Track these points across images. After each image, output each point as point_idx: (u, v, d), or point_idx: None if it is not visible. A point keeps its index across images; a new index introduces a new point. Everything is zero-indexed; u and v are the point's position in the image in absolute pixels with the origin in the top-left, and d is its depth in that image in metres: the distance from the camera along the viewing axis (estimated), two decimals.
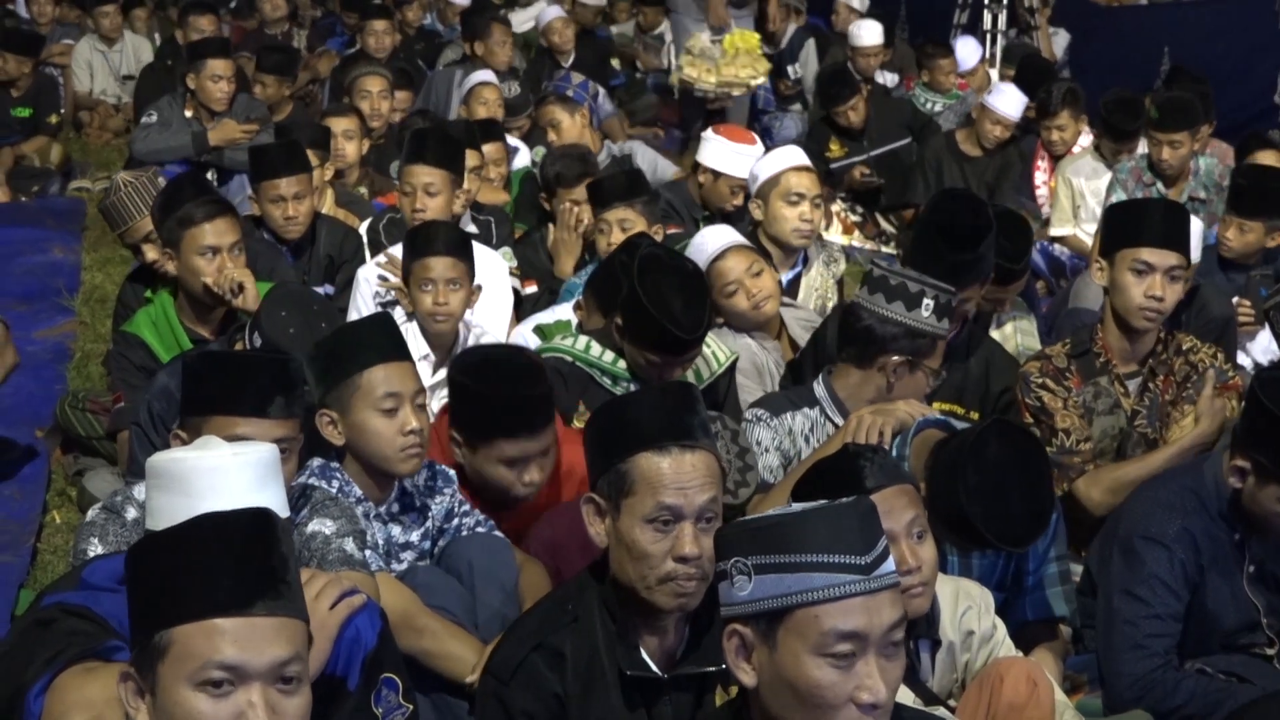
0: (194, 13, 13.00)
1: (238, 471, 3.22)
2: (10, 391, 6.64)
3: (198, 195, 5.92)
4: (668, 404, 3.45)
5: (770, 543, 2.70)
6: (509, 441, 4.62)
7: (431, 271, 5.81)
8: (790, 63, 13.15)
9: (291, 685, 2.56)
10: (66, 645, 3.06)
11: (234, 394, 3.87)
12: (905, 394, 4.84)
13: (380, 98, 9.79)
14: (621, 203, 6.74)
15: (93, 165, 12.24)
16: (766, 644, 2.71)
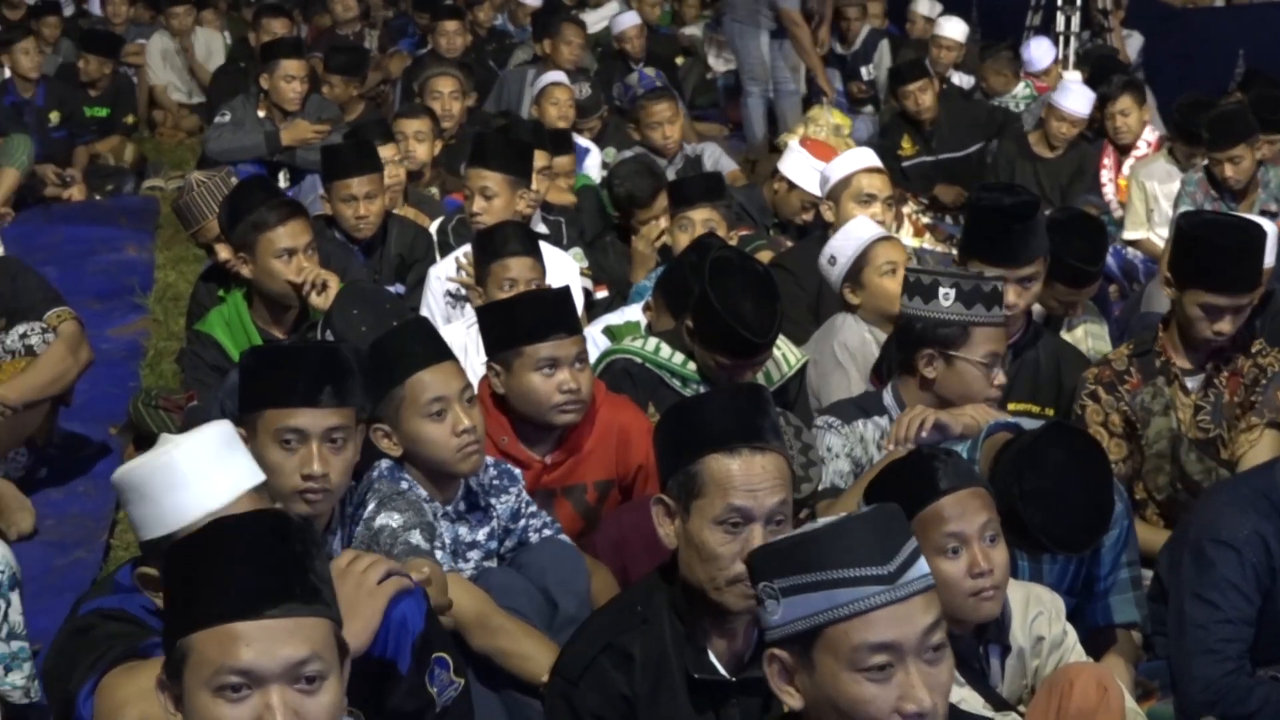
0: (268, 15, 13.09)
1: (184, 460, 3.22)
2: (84, 389, 6.69)
3: (267, 198, 5.94)
4: (738, 405, 3.45)
5: (792, 563, 2.67)
6: (538, 344, 4.70)
7: (511, 271, 5.82)
8: (863, 64, 13.13)
9: (314, 685, 2.53)
10: (107, 648, 3.09)
11: (285, 386, 3.88)
12: (956, 391, 4.79)
13: (451, 98, 9.80)
14: (706, 203, 6.75)
15: (166, 164, 12.33)
16: (804, 666, 2.68)
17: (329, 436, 3.87)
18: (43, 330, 6.24)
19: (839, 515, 2.73)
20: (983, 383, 4.80)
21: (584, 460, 4.91)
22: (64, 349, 6.24)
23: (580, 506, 4.90)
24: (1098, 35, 13.28)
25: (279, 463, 3.84)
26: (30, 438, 6.32)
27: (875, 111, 12.86)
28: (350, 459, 3.96)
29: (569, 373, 4.73)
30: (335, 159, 7.15)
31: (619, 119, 10.79)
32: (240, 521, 2.64)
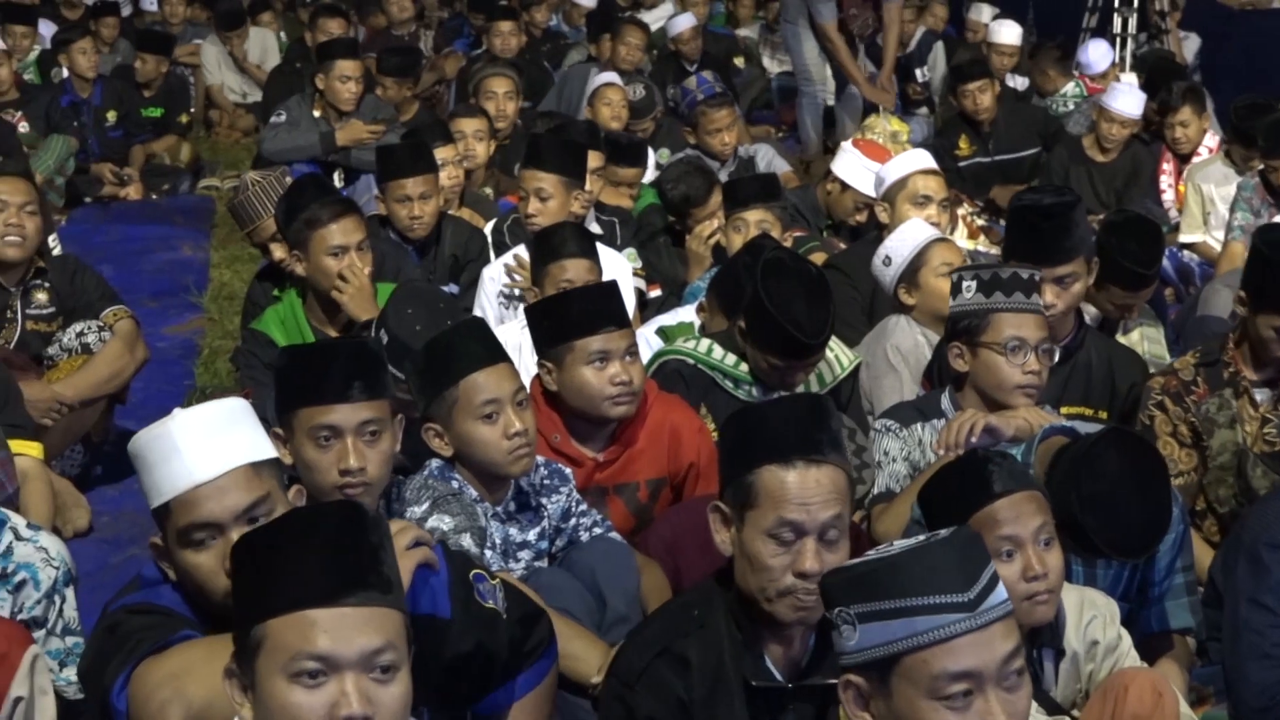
0: (324, 15, 13.15)
1: (178, 430, 3.25)
2: (140, 387, 6.73)
3: (320, 196, 5.96)
4: (797, 417, 3.43)
5: (870, 589, 2.63)
6: (589, 338, 4.70)
7: (568, 272, 5.81)
8: (918, 66, 13.09)
9: (387, 675, 2.56)
10: (136, 643, 3.11)
11: (316, 384, 3.89)
12: (988, 382, 4.79)
13: (506, 99, 9.80)
14: (760, 204, 6.75)
15: (221, 164, 12.41)
16: (881, 693, 2.65)
17: (363, 430, 3.89)
18: (99, 328, 6.28)
19: (917, 540, 2.68)
20: (1008, 369, 4.78)
21: (636, 458, 4.91)
22: (120, 347, 6.28)
23: (632, 505, 4.90)
24: (1154, 37, 13.20)
25: (316, 460, 3.87)
26: (86, 435, 6.36)
27: (930, 114, 12.82)
28: (387, 450, 3.97)
29: (620, 365, 4.74)
30: (390, 159, 7.16)
31: (672, 120, 10.79)
32: (319, 511, 2.70)
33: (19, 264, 6.31)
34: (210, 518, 3.19)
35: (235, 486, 3.22)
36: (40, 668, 3.70)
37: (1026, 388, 4.79)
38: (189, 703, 2.97)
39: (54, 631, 4.23)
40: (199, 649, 3.01)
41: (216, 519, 3.20)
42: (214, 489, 3.21)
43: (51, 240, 7.63)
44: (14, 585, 4.16)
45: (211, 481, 3.21)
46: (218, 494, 3.21)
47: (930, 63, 13.25)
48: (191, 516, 3.19)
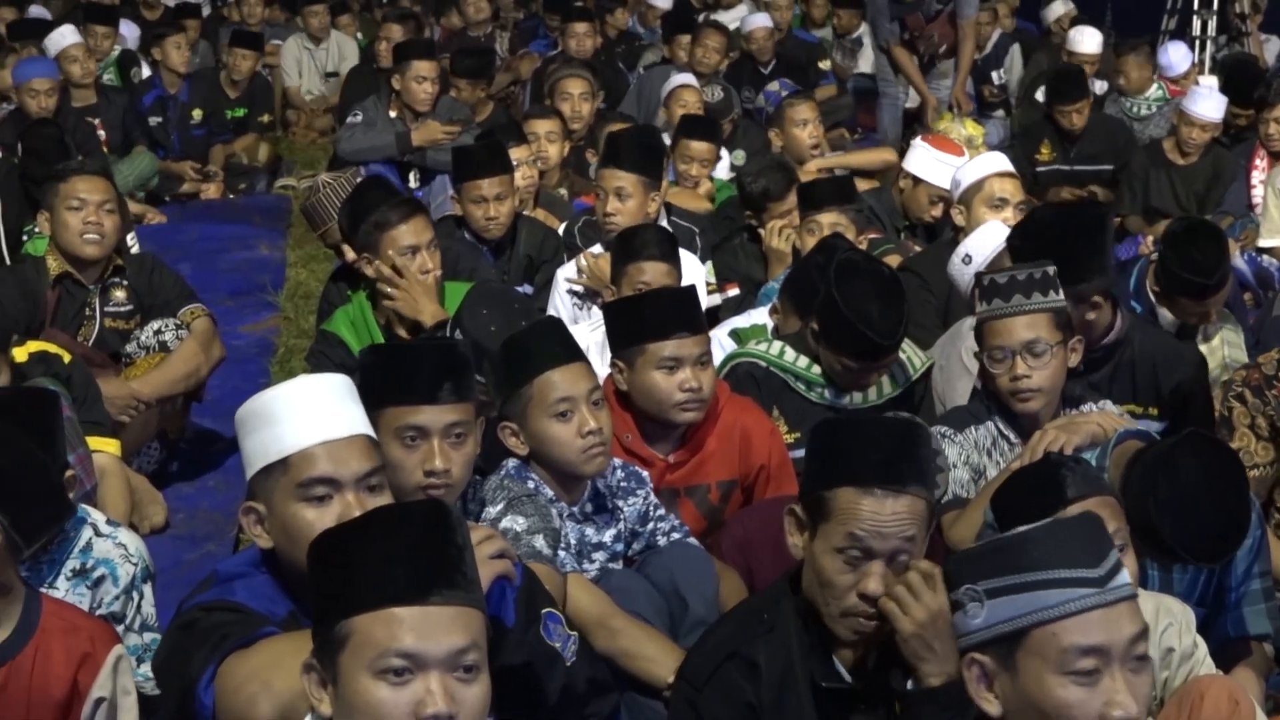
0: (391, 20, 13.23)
1: (309, 389, 3.31)
2: (216, 384, 6.77)
3: (388, 198, 5.97)
4: (884, 443, 3.39)
5: (1000, 565, 2.66)
6: (661, 342, 4.71)
7: (646, 274, 5.83)
8: (994, 68, 13.02)
9: (470, 674, 2.57)
10: (220, 638, 3.13)
11: (405, 383, 3.89)
12: (993, 388, 4.83)
13: (581, 100, 9.81)
14: (834, 207, 6.74)
15: (298, 164, 12.49)
16: (1007, 670, 2.67)
17: (450, 432, 3.89)
18: (176, 326, 6.33)
19: (1045, 521, 2.72)
20: (998, 378, 4.81)
21: (707, 460, 4.90)
22: (197, 345, 6.33)
23: (703, 507, 4.90)
24: (1235, 40, 13.09)
25: (401, 459, 3.87)
26: (163, 432, 6.42)
27: (1006, 116, 12.75)
28: (471, 453, 3.98)
29: (691, 371, 4.74)
30: (466, 160, 7.18)
31: (748, 122, 10.77)
32: (405, 510, 2.71)
33: (98, 262, 6.36)
34: (334, 474, 3.21)
35: (358, 450, 3.26)
36: (124, 668, 3.73)
37: (1019, 393, 4.79)
38: (277, 696, 2.99)
39: (132, 627, 4.27)
40: (286, 643, 3.03)
41: (339, 476, 3.21)
42: (338, 448, 3.24)
43: (130, 238, 7.70)
44: (94, 581, 4.21)
45: (336, 440, 3.24)
46: (342, 453, 3.24)
47: (1007, 65, 13.17)
48: (313, 471, 3.21)
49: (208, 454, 6.71)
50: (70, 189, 6.30)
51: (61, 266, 6.35)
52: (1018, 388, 4.78)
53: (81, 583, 4.18)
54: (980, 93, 12.71)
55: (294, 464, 3.23)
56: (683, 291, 4.91)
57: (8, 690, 3.57)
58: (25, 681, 3.56)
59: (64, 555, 4.19)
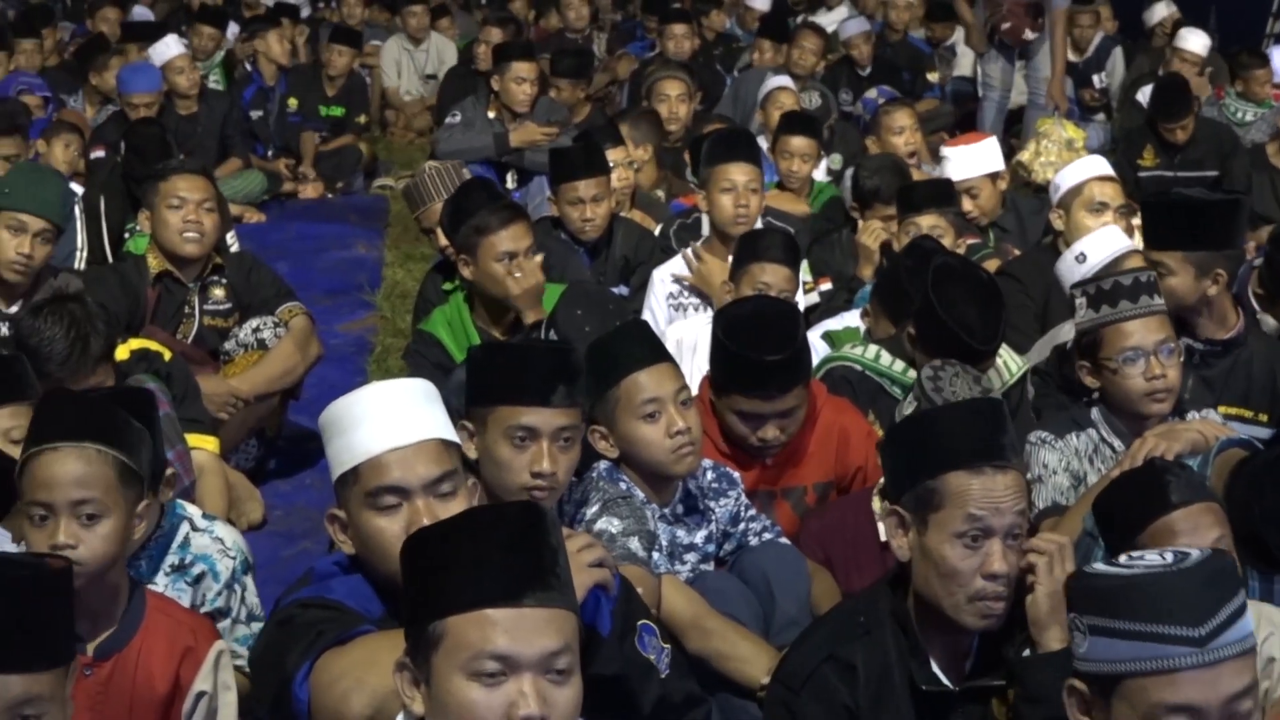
0: (490, 23, 13.28)
1: (379, 396, 3.31)
2: (313, 383, 6.81)
3: (490, 201, 5.98)
4: (980, 423, 3.40)
5: (1104, 605, 2.62)
6: (743, 398, 4.68)
7: (767, 275, 5.84)
8: (1095, 71, 12.91)
9: (563, 676, 2.57)
10: (316, 635, 3.14)
11: (517, 384, 3.90)
12: (1117, 397, 4.78)
13: (679, 101, 9.80)
14: (933, 209, 6.70)
15: (396, 164, 12.54)
16: (1101, 708, 2.64)
17: (559, 436, 3.90)
18: (274, 324, 6.37)
19: (1165, 561, 2.63)
20: (1130, 381, 4.75)
21: (804, 462, 4.89)
22: (295, 343, 6.37)
23: (799, 508, 4.88)
24: None
25: (509, 459, 3.88)
26: (260, 430, 6.46)
27: (1107, 120, 12.64)
28: (575, 459, 3.99)
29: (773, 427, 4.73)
30: (563, 161, 7.19)
31: (845, 125, 10.73)
32: (499, 511, 2.72)
33: (197, 260, 6.41)
34: (400, 482, 3.22)
35: (426, 456, 3.26)
36: (225, 663, 3.76)
37: (1155, 394, 4.76)
38: (371, 694, 3.00)
39: (239, 619, 4.30)
40: (382, 641, 3.04)
41: (405, 484, 3.22)
42: (406, 454, 3.24)
43: (229, 237, 7.75)
44: (193, 578, 4.23)
45: (404, 447, 3.24)
46: (409, 460, 3.24)
47: (1109, 68, 13.06)
48: (381, 479, 3.22)
49: (304, 451, 6.74)
50: (170, 188, 6.35)
51: (161, 265, 6.40)
52: (1155, 388, 4.75)
53: (180, 578, 4.21)
54: (1081, 96, 12.60)
55: (364, 472, 3.25)
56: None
57: (112, 684, 3.61)
58: (129, 675, 3.59)
59: (162, 551, 4.22)
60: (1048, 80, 11.47)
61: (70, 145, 9.06)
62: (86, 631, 3.58)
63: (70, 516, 3.56)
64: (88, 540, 3.56)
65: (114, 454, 3.63)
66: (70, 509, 3.56)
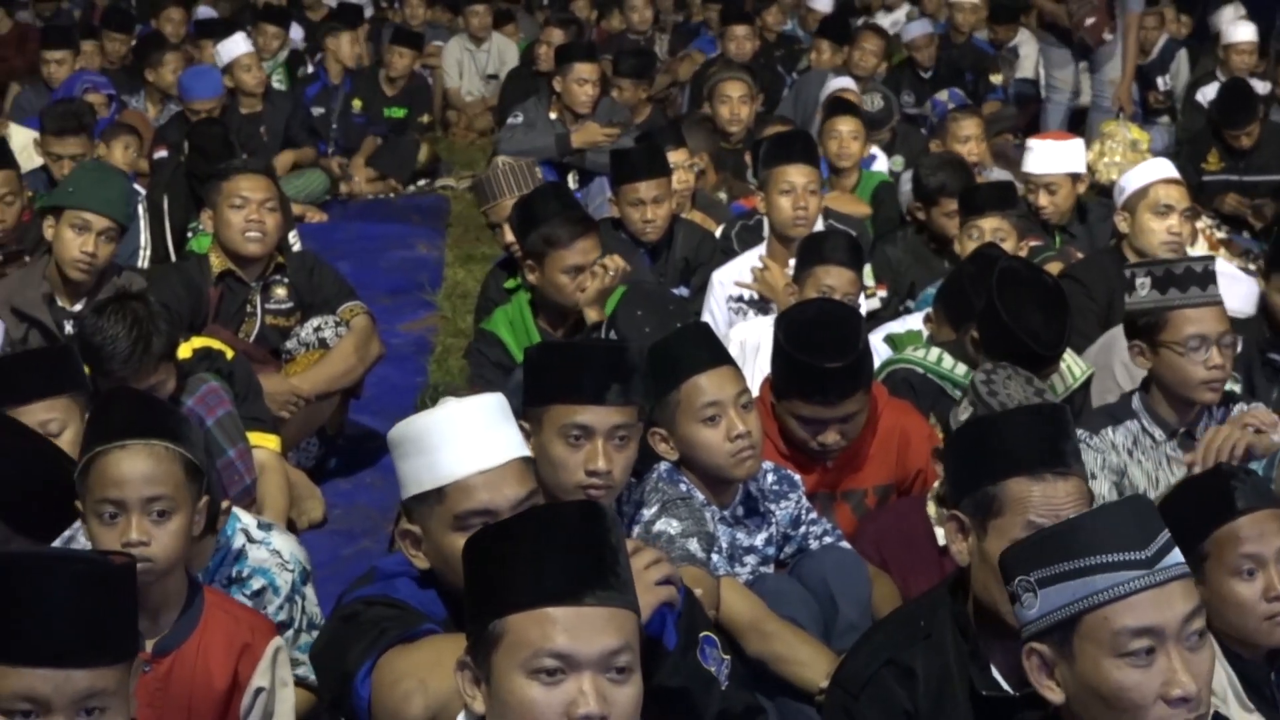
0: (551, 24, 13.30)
1: (462, 416, 3.28)
2: (374, 382, 6.83)
3: (562, 210, 5.96)
4: (1042, 428, 3.39)
5: (1048, 554, 2.70)
6: (804, 403, 4.66)
7: (831, 278, 5.84)
8: (1160, 74, 12.83)
9: (623, 675, 2.57)
10: (380, 632, 3.15)
11: (572, 382, 3.89)
12: (1172, 380, 4.78)
13: (740, 102, 9.79)
14: (996, 212, 6.68)
15: (457, 164, 12.56)
16: (1064, 657, 2.70)
17: (614, 434, 3.89)
18: (336, 324, 6.39)
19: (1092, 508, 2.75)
20: (1191, 367, 4.75)
21: (865, 464, 4.88)
22: (356, 343, 6.38)
23: (860, 511, 4.87)
24: None
25: (564, 458, 3.87)
26: (321, 428, 6.48)
27: (1171, 122, 12.56)
28: (631, 458, 3.98)
29: (834, 432, 4.72)
30: (625, 162, 7.19)
31: (907, 127, 10.69)
32: (560, 510, 2.72)
33: (259, 259, 6.44)
34: (490, 505, 3.20)
35: (513, 477, 3.26)
36: (282, 660, 3.77)
37: (1211, 383, 4.77)
38: (432, 695, 3.00)
39: (301, 629, 4.31)
40: (446, 644, 3.04)
41: (496, 507, 3.20)
42: (494, 477, 3.23)
43: (291, 236, 7.79)
44: (253, 591, 4.24)
45: (493, 469, 3.24)
46: (498, 482, 3.23)
47: (1173, 71, 12.98)
48: (471, 503, 3.21)
49: (365, 450, 6.76)
50: (233, 187, 6.38)
51: (224, 264, 6.43)
52: (1213, 377, 4.77)
53: (238, 591, 4.20)
54: (1145, 98, 12.52)
55: (450, 494, 3.23)
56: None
57: (172, 679, 3.63)
58: (189, 671, 3.60)
59: (217, 563, 4.22)
60: (1114, 82, 11.40)
61: (129, 147, 9.11)
62: (146, 628, 3.59)
63: (141, 514, 3.58)
64: (159, 537, 3.58)
65: (180, 451, 3.65)
66: (142, 506, 3.58)
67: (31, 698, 2.54)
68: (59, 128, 8.25)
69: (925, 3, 15.34)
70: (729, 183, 9.07)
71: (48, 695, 2.54)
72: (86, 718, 2.58)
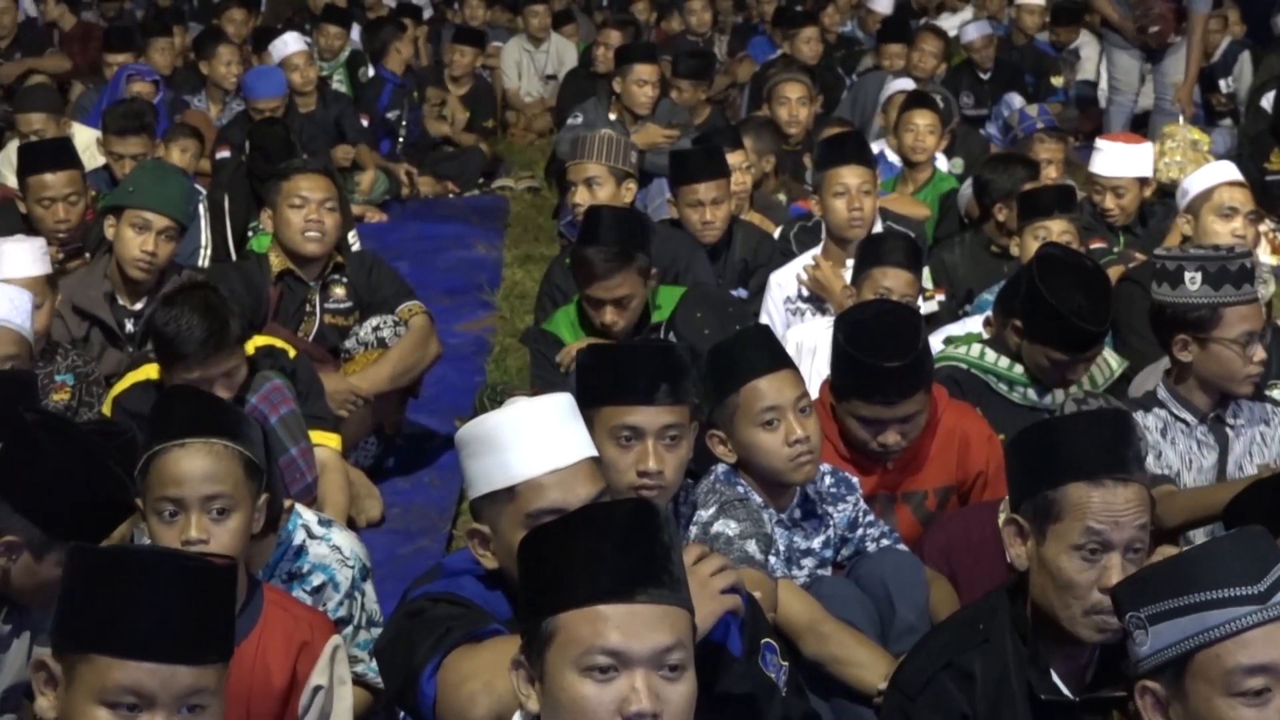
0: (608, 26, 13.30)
1: (534, 415, 3.28)
2: (432, 382, 6.85)
3: (605, 247, 5.93)
4: (1103, 435, 3.36)
5: (1159, 590, 2.64)
6: (864, 404, 4.65)
7: (889, 279, 5.83)
8: (1223, 76, 12.76)
9: (675, 673, 2.57)
10: (446, 630, 3.16)
11: (622, 384, 3.89)
12: (1214, 374, 4.81)
13: (799, 104, 9.79)
14: (1062, 215, 6.65)
15: (516, 165, 12.58)
16: (1177, 697, 2.64)
17: (665, 434, 3.88)
18: (395, 323, 6.40)
19: (1204, 541, 2.68)
20: (1239, 362, 4.78)
21: (925, 466, 4.86)
22: (415, 342, 6.40)
23: (920, 513, 4.85)
24: None
25: (614, 459, 3.86)
26: (380, 428, 6.49)
27: (1234, 125, 12.48)
28: (684, 456, 3.97)
29: (894, 433, 4.69)
30: (684, 164, 7.19)
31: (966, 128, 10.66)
32: (612, 508, 2.71)
33: (318, 259, 6.46)
34: (563, 504, 3.17)
35: (585, 476, 3.26)
36: (340, 658, 3.78)
37: (1254, 377, 4.84)
38: (497, 698, 3.01)
39: (360, 625, 4.32)
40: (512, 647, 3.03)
41: (567, 506, 3.16)
42: (566, 476, 3.23)
43: (350, 236, 7.81)
44: (313, 587, 4.25)
45: (565, 468, 3.23)
46: (570, 481, 3.23)
47: (1236, 73, 12.89)
48: (543, 502, 3.20)
49: (423, 450, 6.78)
50: (293, 187, 6.40)
51: (283, 263, 6.45)
52: (1257, 371, 4.84)
53: (298, 587, 4.22)
54: (1208, 101, 12.45)
55: (521, 493, 3.23)
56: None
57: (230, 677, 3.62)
58: (248, 668, 3.61)
59: (278, 558, 4.24)
60: (1177, 85, 11.34)
61: (187, 150, 9.13)
62: None
63: (201, 512, 3.59)
64: (218, 535, 3.59)
65: (239, 449, 3.66)
66: (201, 504, 3.60)
67: (138, 691, 2.56)
68: (121, 127, 8.30)
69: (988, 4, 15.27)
70: (787, 184, 9.06)
71: (154, 690, 2.56)
72: (187, 714, 2.60)
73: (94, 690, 2.57)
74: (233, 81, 11.06)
